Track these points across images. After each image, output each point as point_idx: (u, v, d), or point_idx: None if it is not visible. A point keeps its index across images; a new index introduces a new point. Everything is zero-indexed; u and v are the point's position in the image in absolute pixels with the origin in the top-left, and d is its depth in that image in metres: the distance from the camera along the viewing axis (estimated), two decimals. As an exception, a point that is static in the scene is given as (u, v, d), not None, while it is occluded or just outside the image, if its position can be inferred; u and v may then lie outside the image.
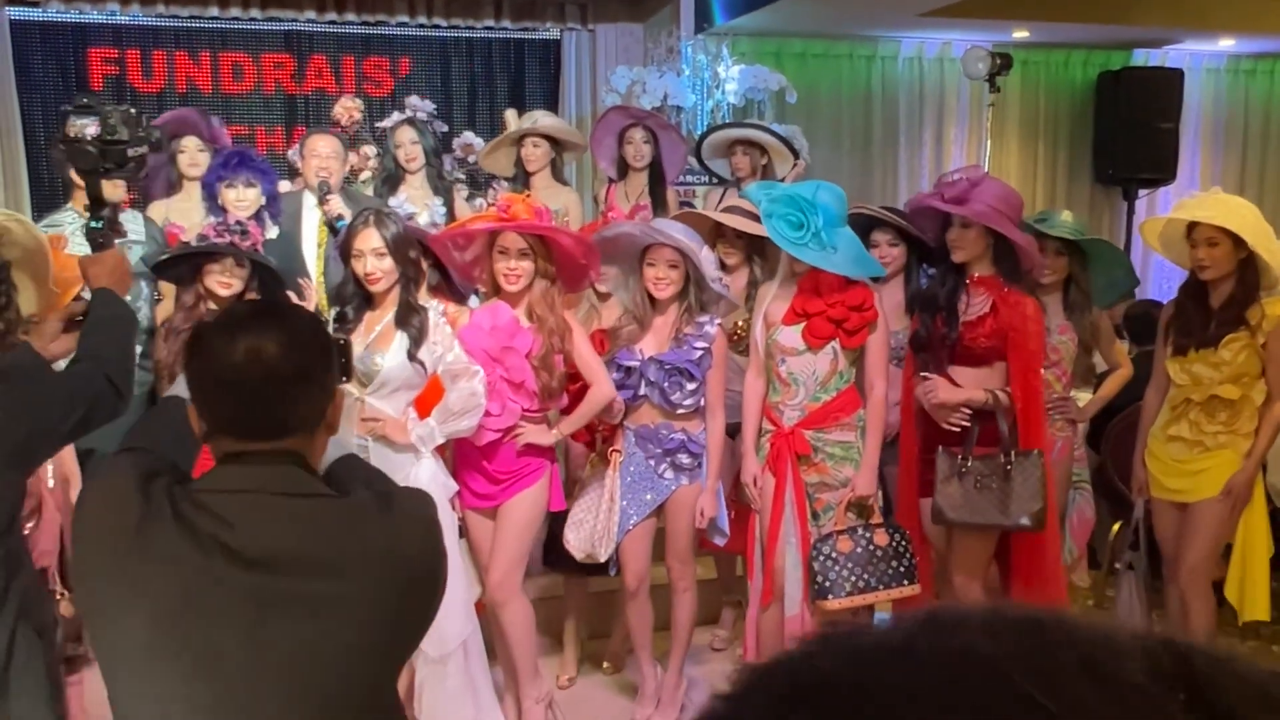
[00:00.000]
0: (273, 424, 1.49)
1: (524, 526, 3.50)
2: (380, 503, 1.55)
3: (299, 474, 1.50)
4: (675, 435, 3.60)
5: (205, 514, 1.43)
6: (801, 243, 3.34)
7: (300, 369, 1.49)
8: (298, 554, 1.43)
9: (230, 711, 1.41)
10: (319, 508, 1.49)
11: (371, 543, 1.48)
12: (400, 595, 1.48)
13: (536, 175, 5.17)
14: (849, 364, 3.49)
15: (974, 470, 3.36)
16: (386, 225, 3.29)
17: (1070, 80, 8.41)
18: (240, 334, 1.47)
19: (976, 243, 3.37)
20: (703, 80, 6.64)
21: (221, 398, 1.50)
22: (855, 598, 3.42)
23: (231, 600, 1.40)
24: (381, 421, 3.28)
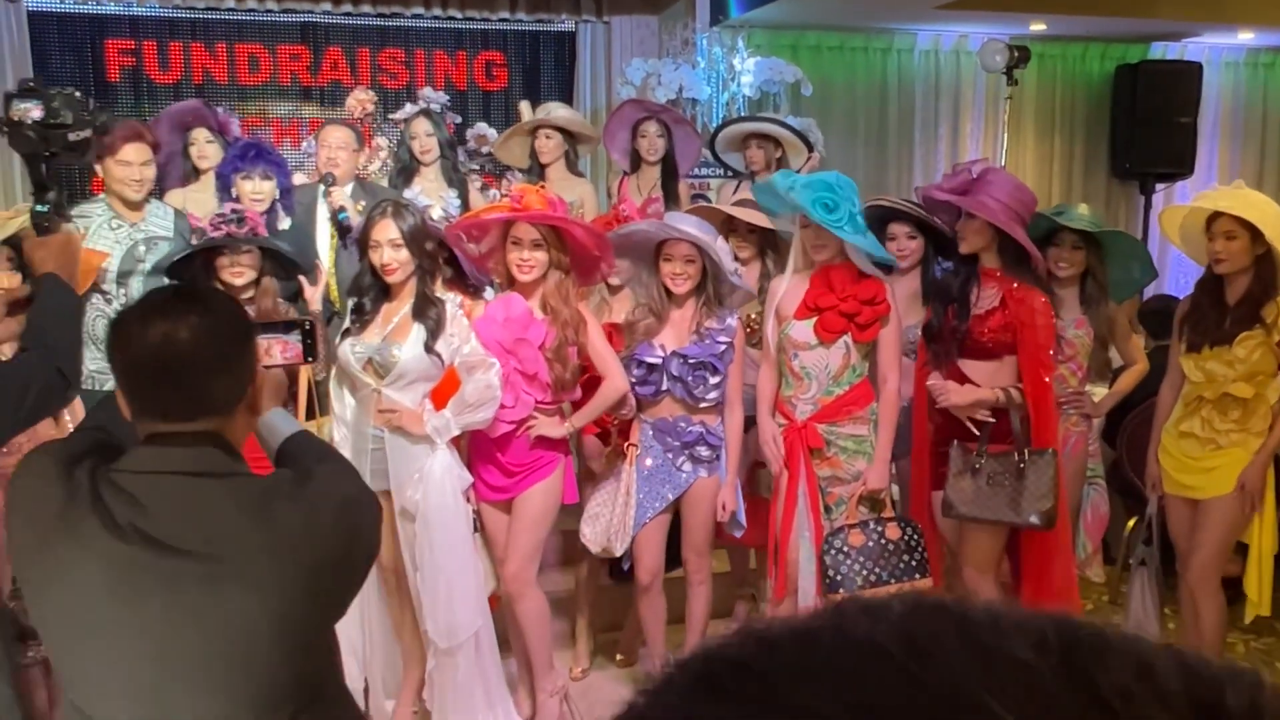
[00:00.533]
0: (188, 406, 1.53)
1: (539, 519, 3.51)
2: (295, 481, 1.57)
3: (215, 454, 1.53)
4: (694, 428, 3.60)
5: (122, 498, 1.47)
6: (839, 225, 3.33)
7: (214, 353, 1.53)
8: (207, 536, 1.46)
9: (157, 685, 1.46)
10: (232, 488, 1.52)
11: (280, 523, 1.50)
12: (310, 573, 1.49)
13: (551, 167, 5.16)
14: (861, 358, 3.48)
15: (987, 467, 3.35)
16: (404, 217, 3.30)
17: (1087, 73, 8.36)
18: (154, 319, 1.51)
19: (980, 234, 3.37)
20: (718, 73, 6.63)
21: (138, 382, 1.54)
22: (867, 591, 3.42)
23: (147, 582, 1.44)
24: (398, 413, 3.29)
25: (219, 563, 1.45)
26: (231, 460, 1.56)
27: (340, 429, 3.43)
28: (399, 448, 3.32)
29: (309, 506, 1.53)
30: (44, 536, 1.48)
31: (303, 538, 1.50)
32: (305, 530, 1.51)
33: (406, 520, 3.33)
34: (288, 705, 1.51)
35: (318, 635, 1.58)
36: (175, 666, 1.45)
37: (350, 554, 1.57)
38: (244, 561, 1.46)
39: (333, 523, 1.54)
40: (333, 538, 1.53)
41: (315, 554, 1.51)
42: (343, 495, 1.59)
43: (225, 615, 1.45)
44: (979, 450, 3.38)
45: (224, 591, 1.45)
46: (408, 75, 7.37)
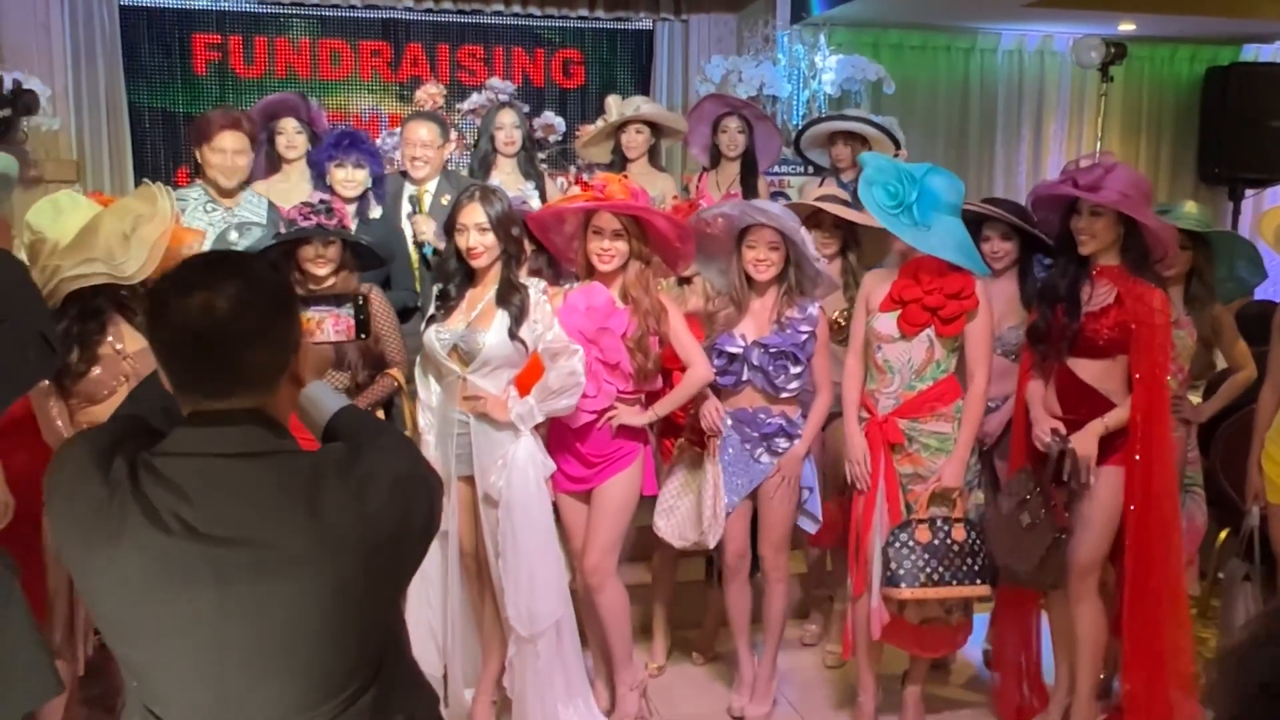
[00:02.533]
0: (229, 380, 1.47)
1: (619, 510, 3.48)
2: (344, 458, 1.49)
3: (259, 432, 1.47)
4: (774, 419, 3.55)
5: (163, 486, 1.41)
6: (893, 214, 3.28)
7: (255, 322, 1.46)
8: (253, 521, 1.40)
9: (218, 675, 1.41)
10: (277, 467, 1.45)
11: (328, 504, 1.42)
12: (362, 555, 1.43)
13: (635, 162, 5.15)
14: (947, 353, 3.40)
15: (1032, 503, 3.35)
16: (491, 201, 3.29)
17: (1176, 75, 8.16)
18: (193, 288, 1.44)
19: (1107, 231, 3.25)
20: (799, 70, 6.56)
21: (178, 355, 1.48)
22: (927, 589, 3.34)
23: (196, 574, 1.38)
24: (482, 399, 3.28)
25: (267, 549, 1.40)
26: (277, 437, 1.49)
27: (425, 415, 3.43)
28: (483, 434, 3.30)
29: (358, 485, 1.45)
30: (86, 535, 1.42)
31: (354, 518, 1.43)
32: (356, 510, 1.44)
33: (489, 506, 3.32)
34: (349, 685, 1.47)
35: (375, 616, 1.51)
36: (232, 656, 1.40)
37: (404, 533, 1.50)
38: (293, 547, 1.40)
39: (385, 502, 1.46)
40: (385, 517, 1.46)
41: (367, 535, 1.44)
42: (394, 473, 1.51)
43: (278, 603, 1.40)
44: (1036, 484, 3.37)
45: (274, 579, 1.39)
46: (486, 72, 7.40)
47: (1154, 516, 3.29)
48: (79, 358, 3.07)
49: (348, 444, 1.55)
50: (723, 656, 4.15)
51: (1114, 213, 3.22)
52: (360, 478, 1.46)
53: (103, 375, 3.11)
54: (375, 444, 1.56)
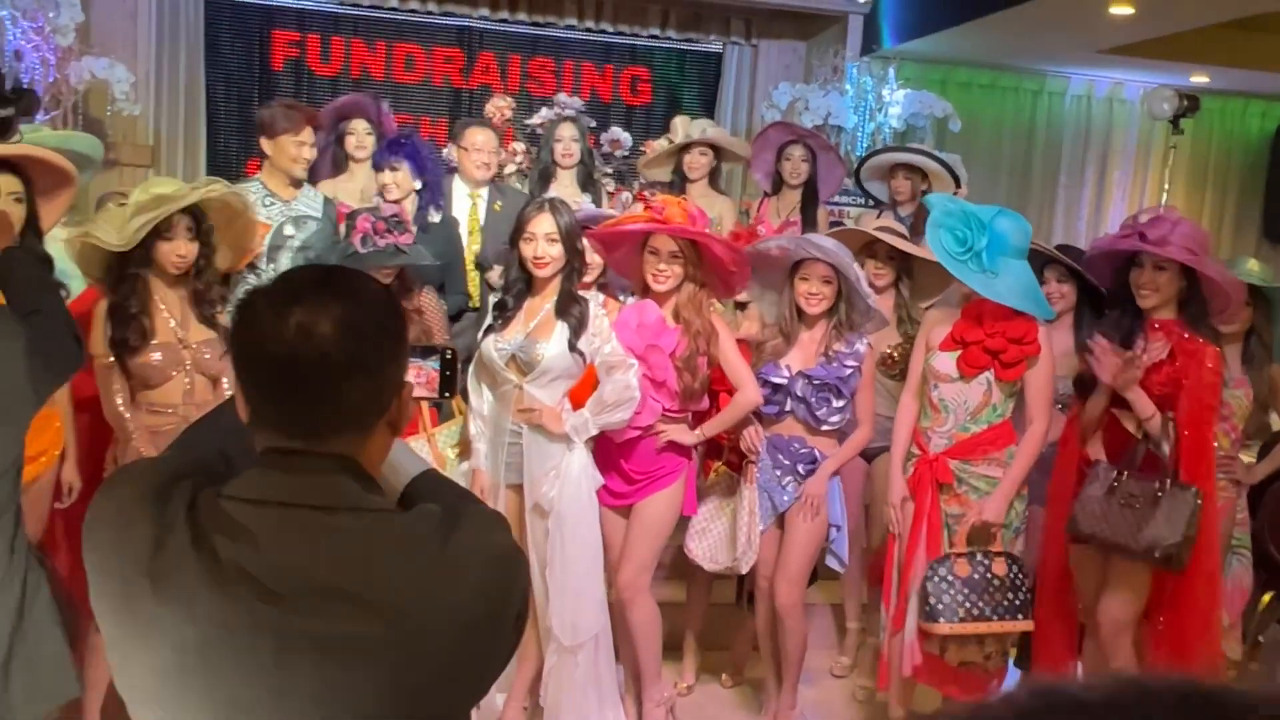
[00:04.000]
0: (321, 420, 1.25)
1: (658, 527, 3.52)
2: (441, 527, 1.28)
3: (345, 484, 1.25)
4: (807, 449, 3.57)
5: (228, 532, 1.21)
6: (960, 259, 3.29)
7: (360, 353, 1.24)
8: (327, 587, 1.20)
9: None
10: (363, 529, 1.24)
11: (417, 579, 1.22)
12: (448, 642, 1.23)
13: (696, 183, 5.20)
14: (1005, 397, 3.40)
15: (1125, 487, 3.22)
16: (561, 213, 3.35)
17: (1246, 131, 8.10)
18: (295, 306, 1.22)
19: (1170, 285, 3.24)
20: (866, 102, 6.59)
21: (264, 380, 1.26)
22: (967, 625, 3.33)
23: (253, 640, 1.18)
24: (538, 411, 3.33)
25: (342, 621, 1.19)
26: (365, 492, 1.27)
27: (476, 423, 3.49)
28: (536, 444, 3.35)
29: (452, 561, 1.25)
30: (129, 588, 1.21)
31: (440, 599, 1.22)
32: (444, 590, 1.23)
33: (538, 517, 3.36)
34: None
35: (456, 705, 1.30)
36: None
37: (500, 617, 1.27)
38: (373, 621, 1.19)
39: (478, 581, 1.26)
40: (475, 600, 1.25)
41: (459, 615, 1.23)
42: (498, 547, 1.31)
43: (346, 686, 1.19)
44: (1121, 470, 3.25)
45: (346, 657, 1.19)
46: (555, 84, 7.50)
47: (1195, 573, 3.26)
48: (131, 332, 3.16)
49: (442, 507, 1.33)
50: (751, 680, 4.16)
51: (1176, 267, 3.21)
52: (455, 552, 1.25)
53: (162, 362, 3.20)
54: (472, 509, 1.37)
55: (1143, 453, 3.24)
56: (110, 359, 3.18)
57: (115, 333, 3.16)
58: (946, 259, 3.29)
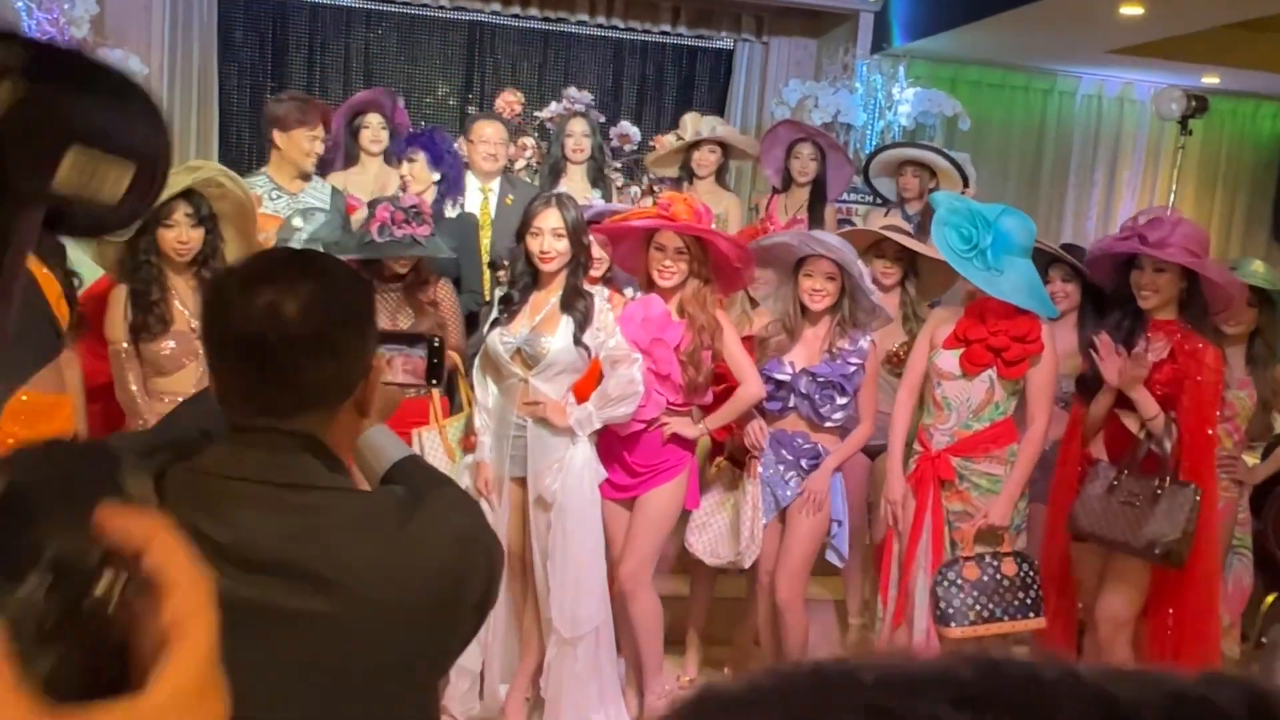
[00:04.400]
0: (285, 396, 1.27)
1: (661, 520, 3.54)
2: (402, 508, 1.29)
3: (308, 462, 1.26)
4: (810, 445, 3.60)
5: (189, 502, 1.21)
6: (965, 257, 3.31)
7: (325, 331, 1.26)
8: (280, 560, 1.21)
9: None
10: (320, 506, 1.26)
11: (370, 557, 1.23)
12: (400, 621, 1.24)
13: (703, 180, 5.23)
14: (1007, 395, 3.42)
15: (1125, 486, 3.24)
16: (568, 208, 3.37)
17: (1257, 131, 8.09)
18: (263, 285, 1.25)
19: (1170, 286, 3.25)
20: (875, 100, 6.60)
21: (231, 357, 1.28)
22: (979, 627, 3.35)
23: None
24: (542, 404, 3.36)
25: (291, 595, 1.20)
26: (329, 471, 1.28)
27: (481, 415, 3.51)
28: (539, 438, 3.38)
29: (413, 539, 1.26)
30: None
31: (401, 576, 1.24)
32: (406, 567, 1.25)
33: (540, 509, 3.39)
34: None
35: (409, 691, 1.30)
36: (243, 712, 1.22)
37: (456, 599, 1.29)
38: (321, 596, 1.20)
39: (441, 558, 1.28)
40: (438, 576, 1.27)
41: (413, 595, 1.25)
42: (459, 528, 1.32)
43: (293, 660, 1.20)
44: (1121, 469, 3.27)
45: (294, 630, 1.20)
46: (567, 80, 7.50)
47: (1194, 572, 3.28)
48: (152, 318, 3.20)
49: (409, 489, 1.37)
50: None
51: (1176, 268, 3.23)
52: (417, 530, 1.27)
53: (176, 351, 3.24)
54: (440, 495, 1.38)
55: (1144, 451, 3.26)
56: (126, 345, 3.22)
57: (136, 319, 3.20)
58: (952, 256, 3.31)
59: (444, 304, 3.79)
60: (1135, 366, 3.18)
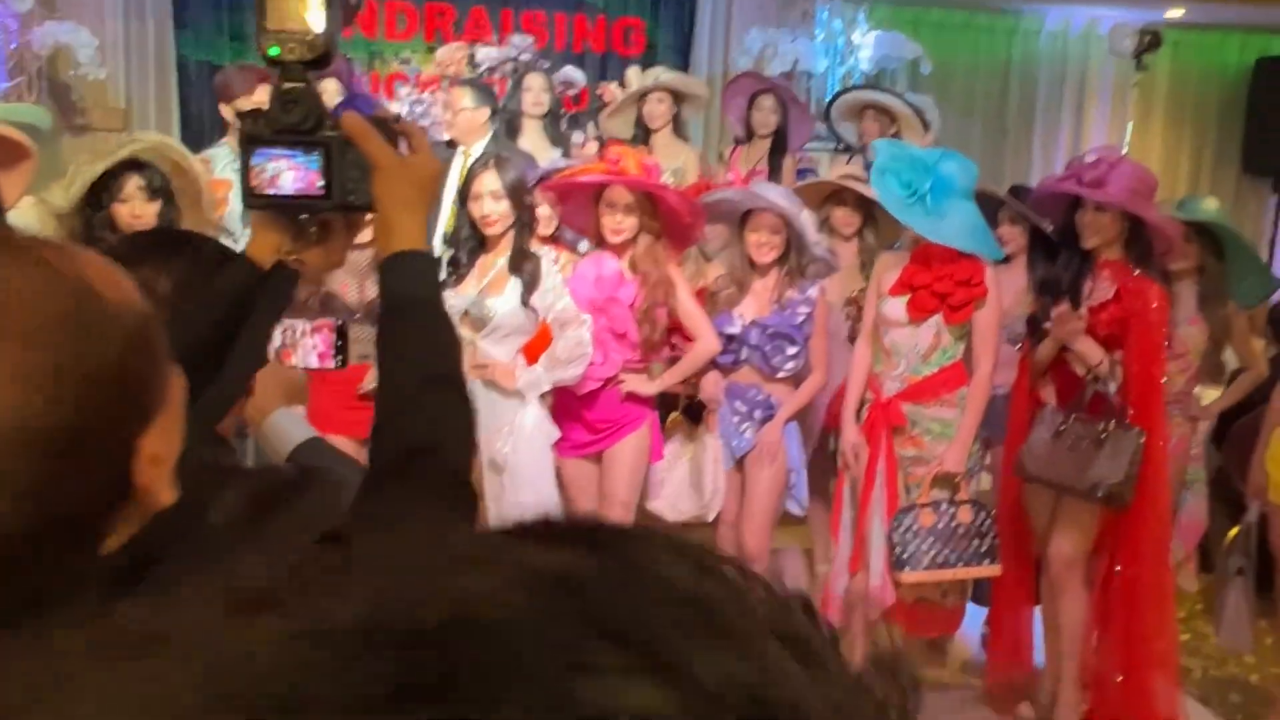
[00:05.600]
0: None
1: (632, 470, 3.57)
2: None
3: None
4: (763, 397, 3.62)
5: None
6: (905, 204, 3.31)
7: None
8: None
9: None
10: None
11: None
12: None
13: (659, 133, 5.17)
14: (954, 340, 3.43)
15: (1071, 430, 3.26)
16: (506, 169, 3.35)
17: (1224, 64, 8.03)
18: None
19: (1111, 227, 3.26)
20: (835, 46, 6.54)
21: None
22: (934, 572, 3.40)
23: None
24: (491, 366, 3.36)
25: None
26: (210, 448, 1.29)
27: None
28: (490, 401, 3.38)
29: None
30: None
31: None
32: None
33: (493, 473, 3.40)
34: None
35: None
36: None
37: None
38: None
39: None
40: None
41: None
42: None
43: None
44: (1069, 413, 3.29)
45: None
46: (547, 36, 7.39)
47: (1143, 508, 3.31)
48: None
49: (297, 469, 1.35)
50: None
51: (1118, 208, 3.23)
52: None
53: None
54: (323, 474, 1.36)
55: (1090, 395, 3.28)
56: None
57: None
58: (892, 202, 3.31)
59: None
60: (1072, 319, 3.19)
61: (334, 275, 3.70)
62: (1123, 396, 3.23)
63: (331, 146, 1.20)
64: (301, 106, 1.20)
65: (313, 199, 1.21)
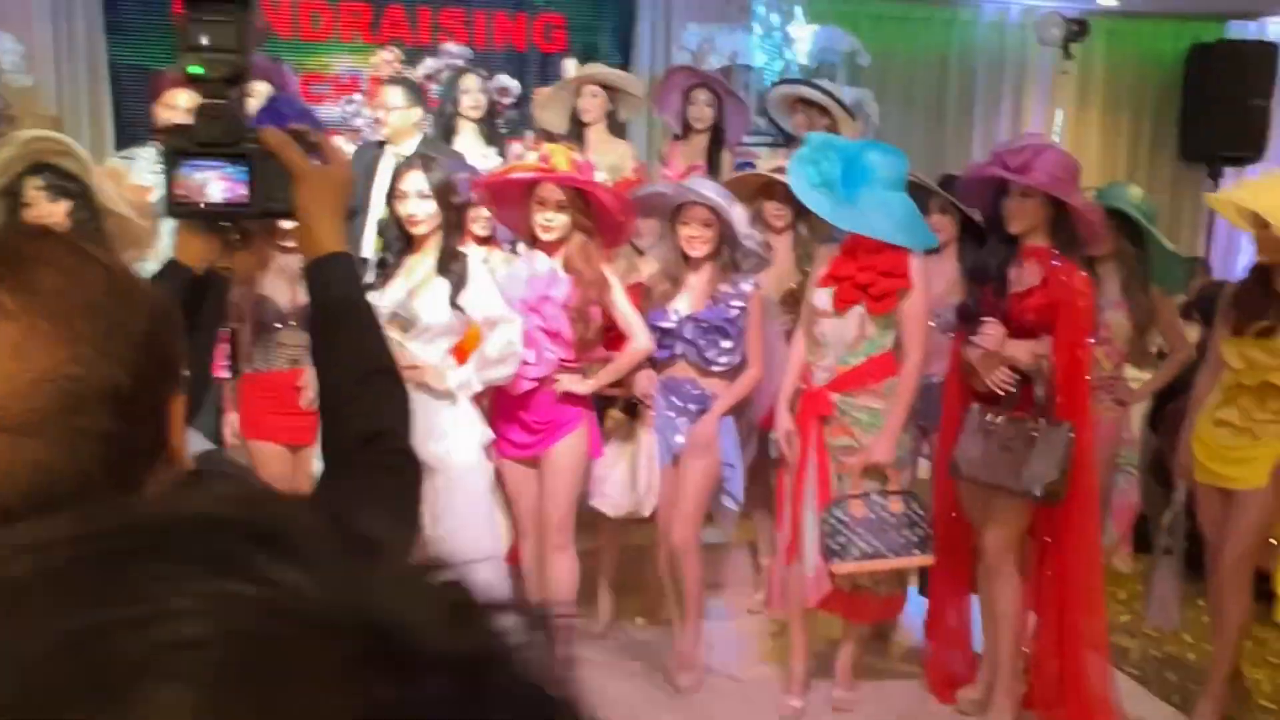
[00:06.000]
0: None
1: (572, 471, 3.56)
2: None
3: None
4: (699, 391, 3.62)
5: None
6: (816, 189, 3.32)
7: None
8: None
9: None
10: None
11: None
12: None
13: (592, 128, 5.11)
14: (879, 330, 3.44)
15: (1000, 430, 3.29)
16: (433, 169, 3.33)
17: (1159, 52, 8.13)
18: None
19: (1036, 213, 3.28)
20: (773, 40, 6.55)
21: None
22: (865, 563, 3.41)
23: None
24: (420, 368, 3.32)
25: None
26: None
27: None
28: (420, 403, 3.30)
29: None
30: None
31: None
32: None
33: (427, 476, 3.36)
34: None
35: None
36: None
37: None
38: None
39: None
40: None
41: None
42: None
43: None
44: (998, 412, 3.32)
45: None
46: (468, 35, 7.36)
47: (1074, 497, 3.34)
48: None
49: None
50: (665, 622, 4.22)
51: (1042, 194, 3.26)
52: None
53: None
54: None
55: (1018, 393, 3.31)
56: None
57: None
58: (803, 189, 3.32)
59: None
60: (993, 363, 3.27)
61: (266, 280, 3.66)
62: (1049, 394, 3.27)
63: (254, 158, 1.29)
64: (223, 121, 1.29)
65: (238, 207, 1.31)
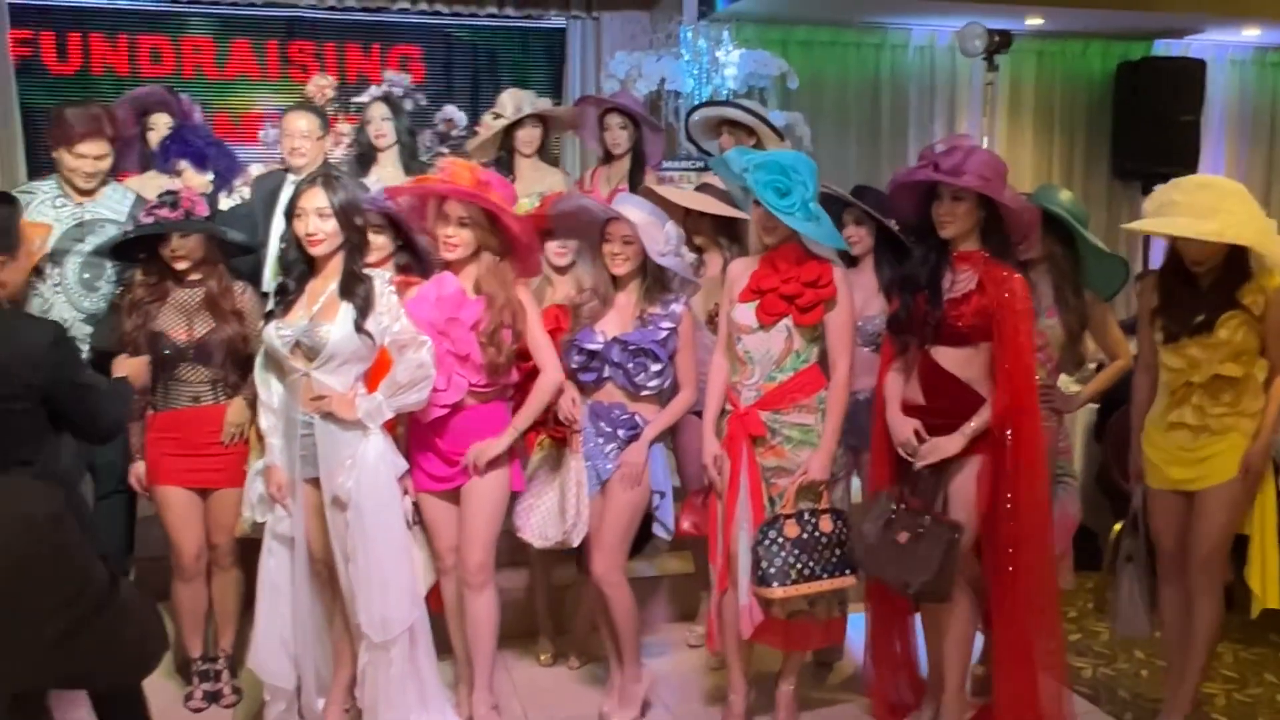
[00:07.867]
0: None
1: (493, 505, 3.39)
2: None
3: None
4: (628, 416, 3.47)
5: None
6: (789, 211, 3.21)
7: None
8: None
9: None
10: None
11: None
12: None
13: (525, 159, 5.08)
14: (806, 343, 3.32)
15: (899, 521, 3.24)
16: (335, 188, 3.18)
17: (1088, 71, 8.19)
18: None
19: (968, 216, 3.19)
20: (702, 65, 6.49)
21: None
22: (799, 586, 3.28)
23: None
24: (328, 398, 3.15)
25: None
26: None
27: (268, 417, 3.30)
28: (329, 434, 3.17)
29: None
30: None
31: None
32: None
33: (337, 509, 3.18)
34: None
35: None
36: None
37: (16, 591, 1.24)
38: None
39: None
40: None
41: None
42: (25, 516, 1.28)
43: None
44: (899, 501, 3.28)
45: None
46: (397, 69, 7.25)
47: (1023, 508, 3.23)
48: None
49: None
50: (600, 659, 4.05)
51: (975, 197, 3.17)
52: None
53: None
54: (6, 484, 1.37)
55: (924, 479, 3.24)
56: None
57: None
58: (781, 214, 3.20)
59: (247, 313, 3.58)
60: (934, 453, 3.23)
61: (161, 314, 3.50)
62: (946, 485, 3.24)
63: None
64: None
65: None
